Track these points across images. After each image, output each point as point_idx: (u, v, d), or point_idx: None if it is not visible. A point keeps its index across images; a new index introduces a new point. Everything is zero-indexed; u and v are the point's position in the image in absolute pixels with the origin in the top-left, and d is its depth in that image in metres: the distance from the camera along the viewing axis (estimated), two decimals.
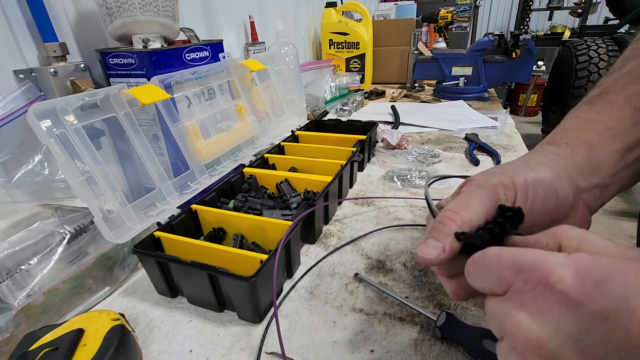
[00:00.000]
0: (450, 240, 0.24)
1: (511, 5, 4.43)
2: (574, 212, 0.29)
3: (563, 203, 0.27)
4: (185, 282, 0.42)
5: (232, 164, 0.64)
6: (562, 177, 0.28)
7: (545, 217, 0.27)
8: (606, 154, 0.29)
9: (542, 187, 0.27)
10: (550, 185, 0.27)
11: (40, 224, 0.44)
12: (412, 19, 1.52)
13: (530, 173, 0.27)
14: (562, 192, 0.27)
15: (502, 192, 0.26)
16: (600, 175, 0.29)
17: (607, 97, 0.30)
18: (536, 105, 3.59)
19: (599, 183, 0.29)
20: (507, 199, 0.26)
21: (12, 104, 0.49)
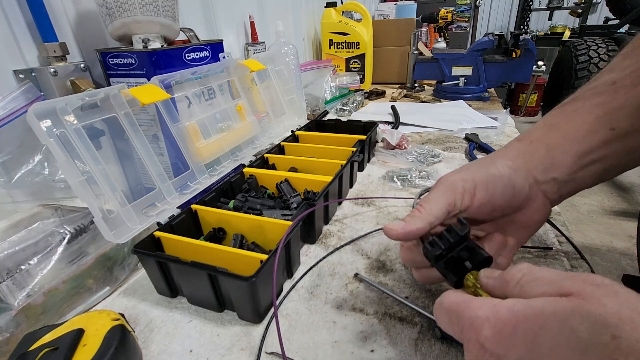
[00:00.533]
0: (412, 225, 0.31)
1: (511, 5, 4.43)
2: (532, 201, 0.33)
3: (519, 193, 0.32)
4: (185, 282, 0.42)
5: (232, 164, 0.64)
6: (520, 172, 0.32)
7: (503, 204, 0.32)
8: (562, 155, 0.32)
9: (501, 180, 0.32)
10: (508, 178, 0.32)
11: (40, 224, 0.44)
12: (412, 19, 1.52)
13: (492, 169, 0.32)
14: (517, 184, 0.32)
15: (461, 185, 0.32)
16: (557, 172, 0.32)
17: (575, 105, 0.34)
18: (536, 105, 3.59)
19: (556, 177, 0.32)
20: (465, 190, 0.32)
21: (12, 104, 0.49)
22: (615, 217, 2.02)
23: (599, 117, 0.31)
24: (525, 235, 0.35)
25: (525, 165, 0.33)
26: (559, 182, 0.33)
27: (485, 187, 0.32)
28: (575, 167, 0.32)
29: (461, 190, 0.32)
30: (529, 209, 0.33)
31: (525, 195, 0.32)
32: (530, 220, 0.34)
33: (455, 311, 0.24)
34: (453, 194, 0.32)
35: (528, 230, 0.35)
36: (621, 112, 0.30)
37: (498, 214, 0.33)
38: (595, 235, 1.87)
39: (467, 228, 0.28)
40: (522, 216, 0.34)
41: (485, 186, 0.32)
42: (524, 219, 0.34)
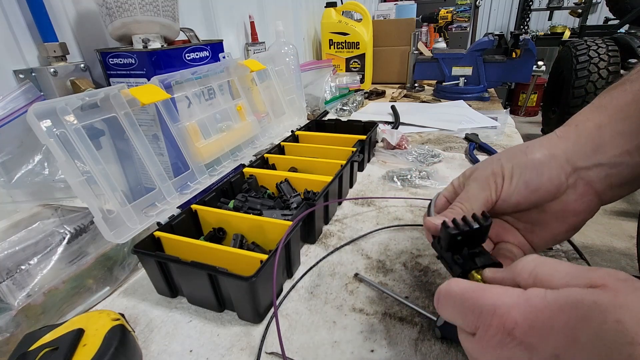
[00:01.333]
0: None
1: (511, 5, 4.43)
2: (570, 190, 0.30)
3: (548, 182, 0.30)
4: (185, 282, 0.42)
5: (232, 164, 0.64)
6: (556, 159, 0.30)
7: (529, 195, 0.30)
8: (612, 134, 0.29)
9: (527, 170, 0.30)
10: (535, 168, 0.30)
11: (40, 224, 0.44)
12: (412, 19, 1.52)
13: (520, 158, 0.31)
14: (548, 173, 0.30)
15: (493, 180, 0.31)
16: (603, 156, 0.29)
17: (623, 87, 0.30)
18: (536, 105, 3.59)
19: (602, 162, 0.29)
20: (497, 186, 0.31)
21: (12, 104, 0.49)
22: (615, 217, 2.02)
23: None
24: (564, 229, 0.32)
25: (564, 151, 0.30)
26: (607, 167, 0.29)
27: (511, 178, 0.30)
28: (626, 146, 0.28)
29: (494, 187, 0.31)
30: (565, 197, 0.30)
31: (557, 185, 0.30)
32: (566, 211, 0.31)
33: (471, 298, 0.22)
34: (489, 191, 0.30)
35: (567, 223, 0.31)
36: None
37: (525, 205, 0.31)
38: (595, 235, 1.87)
39: (490, 220, 0.26)
40: (557, 206, 0.31)
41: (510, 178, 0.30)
42: (558, 209, 0.31)
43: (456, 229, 0.26)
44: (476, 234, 0.27)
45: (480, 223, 0.26)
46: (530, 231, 0.33)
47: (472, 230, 0.26)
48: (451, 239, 0.27)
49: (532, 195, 0.30)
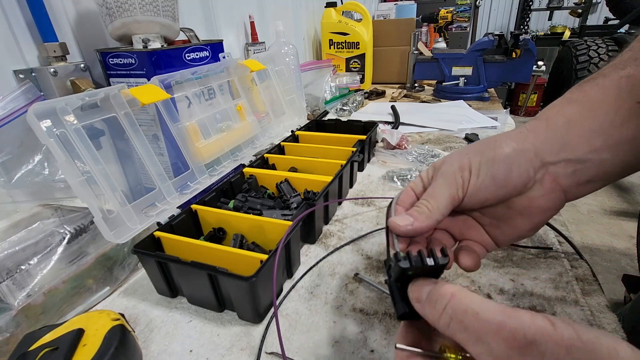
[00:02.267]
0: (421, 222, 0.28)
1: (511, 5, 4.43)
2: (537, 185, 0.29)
3: (517, 177, 0.29)
4: (185, 282, 0.42)
5: (232, 164, 0.64)
6: (525, 153, 0.29)
7: (497, 190, 0.29)
8: (581, 131, 0.28)
9: (493, 164, 0.29)
10: (503, 162, 0.29)
11: (40, 224, 0.44)
12: (412, 19, 1.52)
13: (488, 152, 0.30)
14: (516, 167, 0.29)
15: (460, 175, 0.30)
16: (571, 151, 0.29)
17: (595, 80, 0.30)
18: (536, 105, 3.59)
19: (570, 158, 0.29)
20: (463, 182, 0.29)
21: (12, 104, 0.49)
22: (615, 217, 2.02)
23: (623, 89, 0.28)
24: (525, 227, 0.31)
25: (533, 145, 0.29)
26: (574, 163, 0.28)
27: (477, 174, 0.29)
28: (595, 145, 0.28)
29: (460, 183, 0.30)
30: (532, 193, 0.30)
31: (524, 181, 0.29)
32: (531, 207, 0.30)
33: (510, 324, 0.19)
34: (455, 187, 0.29)
35: (531, 220, 0.31)
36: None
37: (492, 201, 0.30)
38: (595, 235, 1.87)
39: (447, 259, 0.24)
40: (523, 202, 0.30)
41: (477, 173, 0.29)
42: (524, 205, 0.30)
43: (408, 263, 0.24)
44: (430, 271, 0.24)
45: (436, 261, 0.24)
46: (496, 227, 0.32)
47: (426, 268, 0.24)
48: (402, 272, 0.24)
49: (499, 191, 0.29)
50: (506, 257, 0.47)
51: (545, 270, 0.44)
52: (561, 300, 0.39)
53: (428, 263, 0.23)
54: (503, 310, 0.19)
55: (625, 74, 0.28)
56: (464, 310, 0.20)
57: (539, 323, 0.18)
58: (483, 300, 0.20)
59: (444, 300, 0.21)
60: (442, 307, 0.21)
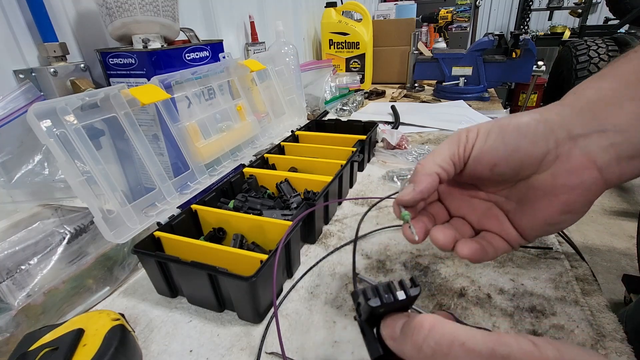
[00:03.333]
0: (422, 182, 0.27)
1: (511, 5, 4.43)
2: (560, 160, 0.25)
3: (531, 145, 0.25)
4: (185, 282, 0.42)
5: (232, 164, 0.64)
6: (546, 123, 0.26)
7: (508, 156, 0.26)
8: (617, 98, 0.24)
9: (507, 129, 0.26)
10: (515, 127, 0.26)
11: (40, 224, 0.44)
12: (412, 19, 1.52)
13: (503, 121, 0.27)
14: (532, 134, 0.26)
15: (465, 134, 0.28)
16: (607, 120, 0.24)
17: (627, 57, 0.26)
18: (536, 105, 3.58)
19: (606, 128, 0.24)
20: (467, 141, 0.28)
21: (12, 104, 0.49)
22: (615, 217, 2.02)
23: None
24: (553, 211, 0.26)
25: (559, 115, 0.26)
26: (611, 134, 0.24)
27: (486, 135, 0.27)
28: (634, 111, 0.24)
29: (464, 141, 0.27)
30: (556, 169, 0.25)
31: (543, 150, 0.25)
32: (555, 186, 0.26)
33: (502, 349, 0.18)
34: (457, 144, 0.28)
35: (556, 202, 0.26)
36: None
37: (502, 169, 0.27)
38: (595, 235, 1.87)
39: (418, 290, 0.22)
40: (545, 179, 0.26)
41: (486, 133, 0.27)
42: (547, 184, 0.26)
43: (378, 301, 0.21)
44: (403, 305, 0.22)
45: (407, 293, 0.22)
46: (520, 212, 0.28)
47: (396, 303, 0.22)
48: (372, 311, 0.22)
49: (511, 157, 0.26)
50: (506, 257, 0.47)
51: (545, 270, 0.44)
52: (561, 300, 0.39)
53: (399, 297, 0.22)
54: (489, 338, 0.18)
55: None
56: (449, 341, 0.19)
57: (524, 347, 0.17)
58: (465, 329, 0.19)
59: (421, 333, 0.20)
60: (421, 340, 0.19)
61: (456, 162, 0.28)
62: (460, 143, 0.28)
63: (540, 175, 0.26)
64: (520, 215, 0.28)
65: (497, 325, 0.37)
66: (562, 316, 0.37)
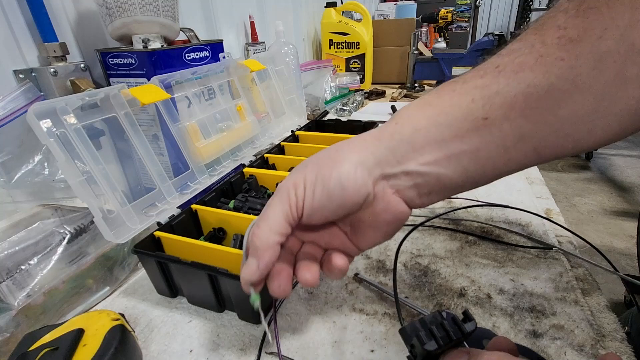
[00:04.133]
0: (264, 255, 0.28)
1: (511, 5, 4.43)
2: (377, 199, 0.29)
3: (354, 195, 0.28)
4: (185, 282, 0.42)
5: (232, 164, 0.64)
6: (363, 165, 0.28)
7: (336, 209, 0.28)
8: (425, 140, 0.27)
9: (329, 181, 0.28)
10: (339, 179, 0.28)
11: (40, 224, 0.44)
12: (412, 19, 1.52)
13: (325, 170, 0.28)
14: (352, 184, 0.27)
15: (293, 193, 0.29)
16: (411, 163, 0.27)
17: (455, 85, 0.29)
18: None
19: (410, 171, 0.28)
20: (297, 199, 0.28)
21: (12, 104, 0.49)
22: (615, 217, 2.02)
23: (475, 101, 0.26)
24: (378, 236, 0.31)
25: (374, 155, 0.28)
26: (413, 176, 0.28)
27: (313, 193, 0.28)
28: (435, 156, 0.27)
29: (294, 200, 0.29)
30: (375, 208, 0.29)
31: (363, 196, 0.28)
32: (377, 221, 0.30)
33: None
34: (288, 205, 0.29)
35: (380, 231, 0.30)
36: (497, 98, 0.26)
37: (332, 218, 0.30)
38: (595, 235, 1.87)
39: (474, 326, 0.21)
40: (367, 215, 0.30)
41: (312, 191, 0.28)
42: (369, 218, 0.30)
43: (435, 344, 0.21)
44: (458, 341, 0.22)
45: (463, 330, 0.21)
46: (354, 234, 0.32)
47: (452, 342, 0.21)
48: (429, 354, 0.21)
49: (339, 210, 0.28)
50: (506, 257, 0.47)
51: (545, 270, 0.44)
52: (561, 300, 0.39)
53: (454, 337, 0.21)
54: None
55: (480, 84, 0.27)
56: None
57: None
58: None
59: None
60: None
61: (291, 222, 0.29)
62: (290, 202, 0.29)
63: (363, 213, 0.30)
64: (354, 237, 0.32)
65: (497, 326, 0.37)
66: (562, 316, 0.37)
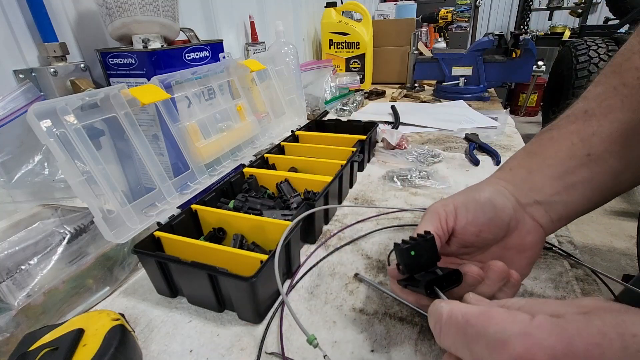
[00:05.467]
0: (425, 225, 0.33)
1: (511, 5, 4.43)
2: (521, 223, 0.33)
3: (501, 212, 0.32)
4: (185, 282, 0.42)
5: (232, 164, 0.64)
6: (501, 193, 0.33)
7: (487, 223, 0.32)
8: (541, 178, 0.33)
9: (480, 201, 0.33)
10: (487, 200, 0.33)
11: (40, 224, 0.44)
12: (412, 19, 1.52)
13: (471, 194, 0.34)
14: (498, 203, 0.32)
15: (443, 210, 0.33)
16: (539, 194, 0.33)
17: (551, 133, 0.34)
18: (536, 105, 3.59)
19: (539, 200, 0.33)
20: (447, 214, 0.33)
21: (12, 104, 0.49)
22: (615, 217, 2.02)
23: (575, 143, 0.32)
24: (525, 263, 0.34)
25: (507, 187, 0.34)
26: (543, 205, 0.33)
27: (466, 208, 0.33)
28: (556, 188, 0.32)
29: (444, 215, 0.33)
30: (520, 231, 0.33)
31: (509, 215, 0.32)
32: (524, 243, 0.33)
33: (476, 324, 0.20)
34: (437, 220, 0.33)
35: (526, 256, 0.33)
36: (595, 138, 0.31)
37: (486, 234, 0.33)
38: (595, 235, 1.87)
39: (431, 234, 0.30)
40: (515, 239, 0.33)
41: (465, 207, 0.33)
42: (517, 243, 0.33)
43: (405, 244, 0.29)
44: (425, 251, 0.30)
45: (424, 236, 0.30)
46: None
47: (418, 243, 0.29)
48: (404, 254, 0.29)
49: (490, 223, 0.32)
50: None
51: (545, 270, 0.44)
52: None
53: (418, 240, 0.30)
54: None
55: (574, 129, 0.32)
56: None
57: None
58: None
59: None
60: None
61: (441, 235, 0.32)
62: (440, 219, 0.33)
63: (511, 238, 0.33)
64: None
65: None
66: None
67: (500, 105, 1.19)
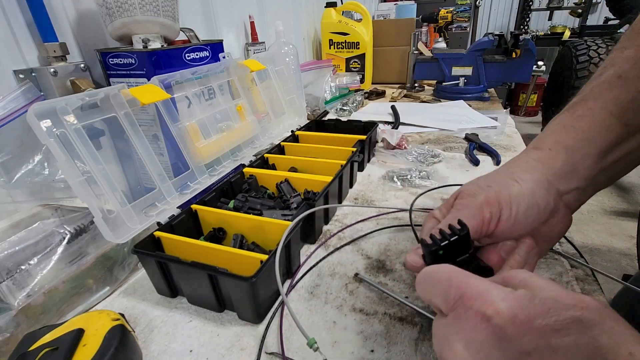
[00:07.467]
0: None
1: (511, 5, 4.43)
2: (555, 214, 0.31)
3: (544, 210, 0.30)
4: (185, 282, 0.42)
5: (232, 164, 0.64)
6: (542, 185, 0.30)
7: (527, 225, 0.30)
8: (582, 157, 0.31)
9: (524, 200, 0.30)
10: (531, 197, 0.30)
11: (40, 224, 0.44)
12: (412, 19, 1.52)
13: (515, 187, 0.30)
14: (542, 201, 0.30)
15: (488, 210, 0.29)
16: (578, 178, 0.31)
17: (586, 104, 0.32)
18: (536, 105, 3.59)
19: (578, 186, 0.31)
20: (492, 217, 0.29)
21: (12, 104, 0.49)
22: (615, 217, 2.02)
23: (613, 114, 0.30)
24: (546, 248, 0.33)
25: (546, 177, 0.31)
26: (581, 190, 0.31)
27: (510, 211, 0.30)
28: (596, 168, 0.31)
29: (488, 218, 0.29)
30: (553, 220, 0.32)
31: (549, 213, 0.31)
32: (552, 232, 0.32)
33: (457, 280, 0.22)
34: (481, 221, 0.29)
35: (550, 242, 0.33)
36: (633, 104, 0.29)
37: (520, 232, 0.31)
38: (595, 235, 1.87)
39: (466, 229, 0.27)
40: (545, 228, 0.32)
41: (509, 209, 0.30)
42: (546, 231, 0.32)
43: (434, 245, 0.27)
44: (457, 245, 0.27)
45: (457, 234, 0.27)
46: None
47: (450, 243, 0.27)
48: (433, 255, 0.27)
49: (531, 225, 0.31)
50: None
51: (545, 270, 0.44)
52: None
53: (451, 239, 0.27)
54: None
55: (612, 97, 0.30)
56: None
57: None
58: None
59: None
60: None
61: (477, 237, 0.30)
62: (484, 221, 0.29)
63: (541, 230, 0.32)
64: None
65: None
66: None
67: (500, 105, 1.19)
